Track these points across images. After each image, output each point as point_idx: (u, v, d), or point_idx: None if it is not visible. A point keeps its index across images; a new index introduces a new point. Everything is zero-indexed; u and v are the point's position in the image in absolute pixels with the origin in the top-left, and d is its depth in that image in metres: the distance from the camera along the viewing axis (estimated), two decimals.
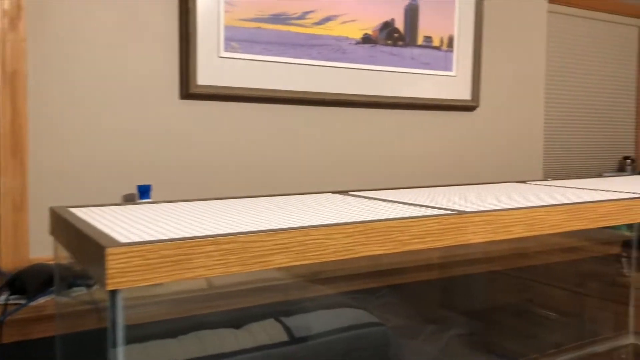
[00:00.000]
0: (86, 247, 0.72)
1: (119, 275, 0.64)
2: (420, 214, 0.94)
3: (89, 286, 1.17)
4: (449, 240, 0.94)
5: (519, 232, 1.02)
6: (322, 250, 0.81)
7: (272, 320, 1.77)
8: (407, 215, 0.95)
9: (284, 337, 1.75)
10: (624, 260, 2.61)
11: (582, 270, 2.24)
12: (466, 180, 1.93)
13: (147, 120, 1.41)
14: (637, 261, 2.86)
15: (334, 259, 0.82)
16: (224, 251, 0.72)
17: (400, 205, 1.10)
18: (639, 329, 2.00)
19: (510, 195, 1.27)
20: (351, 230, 0.83)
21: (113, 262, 0.64)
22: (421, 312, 1.94)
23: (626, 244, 2.21)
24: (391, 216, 0.93)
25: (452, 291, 1.96)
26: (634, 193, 1.31)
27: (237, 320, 1.71)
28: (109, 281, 0.63)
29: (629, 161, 3.25)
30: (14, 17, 1.25)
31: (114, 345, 0.70)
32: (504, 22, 1.98)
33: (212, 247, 0.71)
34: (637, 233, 2.82)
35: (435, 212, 0.98)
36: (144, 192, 1.30)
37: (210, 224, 0.81)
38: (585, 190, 1.39)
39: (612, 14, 3.29)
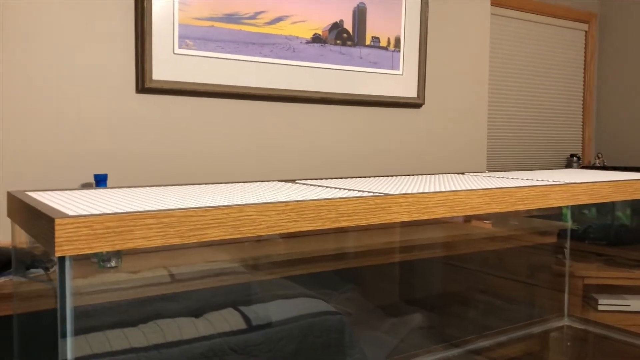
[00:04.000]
0: (38, 222, 0.80)
1: (67, 243, 0.72)
2: (348, 196, 1.04)
3: (46, 269, 1.24)
4: (375, 219, 1.04)
5: (441, 212, 1.13)
6: (256, 225, 0.90)
7: (230, 309, 1.84)
8: (336, 196, 1.05)
9: (242, 325, 1.82)
10: (565, 250, 2.76)
11: (523, 258, 2.38)
12: (410, 171, 2.04)
13: (105, 112, 1.48)
14: (578, 253, 3.03)
15: (267, 233, 0.91)
16: (163, 224, 0.80)
17: (336, 190, 1.20)
18: (573, 313, 2.14)
19: (440, 182, 1.39)
20: (283, 207, 0.93)
21: (61, 231, 0.72)
22: (376, 299, 2.04)
23: (563, 234, 2.35)
24: (331, 197, 1.03)
25: (401, 278, 2.06)
26: (554, 181, 1.44)
27: (196, 309, 1.77)
28: (57, 248, 0.71)
29: (575, 158, 3.43)
30: None
31: (63, 310, 0.78)
32: (449, 24, 2.10)
33: (152, 220, 0.79)
34: (571, 224, 2.99)
35: (364, 194, 1.08)
36: (100, 180, 1.37)
37: (155, 204, 0.89)
38: (514, 179, 1.51)
39: (559, 18, 3.47)
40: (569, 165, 3.47)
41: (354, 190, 1.18)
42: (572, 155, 3.47)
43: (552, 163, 3.51)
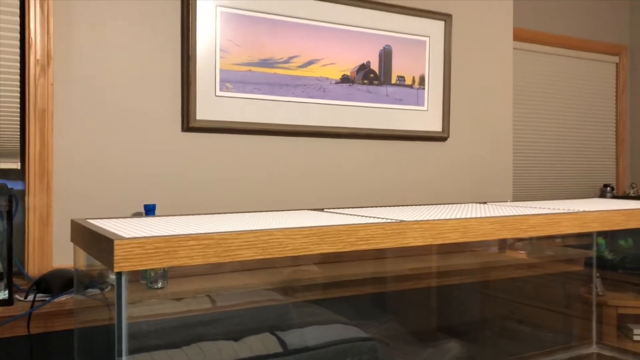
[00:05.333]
0: (100, 244, 0.95)
1: (123, 260, 0.87)
2: (367, 222, 1.16)
3: (101, 289, 1.39)
4: (391, 243, 1.16)
5: (454, 238, 1.23)
6: (283, 247, 1.03)
7: (267, 333, 1.95)
8: (356, 222, 1.17)
9: (278, 349, 1.92)
10: (597, 280, 2.78)
11: (556, 288, 2.42)
12: (437, 202, 2.14)
13: (154, 149, 1.65)
14: (613, 283, 3.02)
15: (293, 254, 1.04)
16: (203, 245, 0.94)
17: (358, 217, 1.32)
18: (607, 342, 2.16)
19: (457, 211, 1.48)
20: (307, 232, 1.05)
21: (119, 250, 0.87)
22: (412, 327, 2.11)
23: (598, 264, 2.37)
24: (351, 223, 1.15)
25: (436, 306, 2.14)
26: (569, 210, 1.51)
27: (235, 333, 1.88)
28: (116, 265, 0.86)
29: (608, 188, 3.44)
30: (44, 64, 1.51)
31: (119, 323, 0.92)
32: (472, 60, 2.21)
33: (193, 242, 0.93)
34: (607, 253, 2.99)
35: (382, 221, 1.20)
36: (149, 210, 1.54)
37: (196, 228, 1.03)
38: (531, 208, 1.59)
39: (589, 52, 3.53)
40: (602, 195, 3.48)
41: (374, 217, 1.30)
42: (605, 186, 3.49)
43: (586, 193, 3.53)
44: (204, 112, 1.68)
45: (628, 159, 3.68)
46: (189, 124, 1.66)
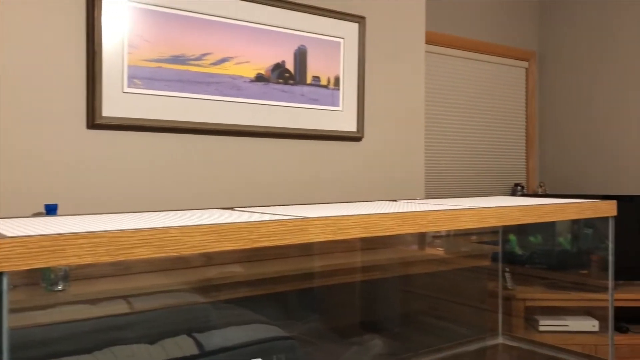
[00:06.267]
0: None
1: (4, 260, 0.83)
2: (269, 219, 1.17)
3: None
4: (293, 240, 1.17)
5: (356, 233, 1.26)
6: (181, 245, 1.01)
7: (184, 336, 1.91)
8: (258, 219, 1.17)
9: (194, 351, 1.88)
10: (507, 275, 2.92)
11: (468, 281, 2.52)
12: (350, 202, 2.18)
13: (57, 146, 1.59)
14: (521, 277, 3.18)
15: (190, 252, 1.03)
16: (93, 244, 0.92)
17: (263, 215, 1.32)
18: (515, 333, 2.27)
19: (363, 208, 1.52)
20: (206, 229, 1.05)
21: None
22: (335, 324, 2.13)
23: (509, 259, 2.50)
24: (252, 220, 1.15)
25: (356, 302, 2.17)
26: (467, 206, 1.58)
27: (151, 336, 1.84)
28: None
29: (519, 187, 3.63)
30: None
31: (1, 325, 0.88)
32: (385, 63, 2.27)
33: (83, 240, 0.90)
34: (501, 249, 3.15)
35: (284, 218, 1.21)
36: (50, 210, 1.47)
37: (91, 227, 1.00)
38: (436, 205, 1.65)
39: (499, 56, 3.71)
40: (513, 194, 3.66)
41: (280, 215, 1.31)
42: (516, 185, 3.67)
43: (497, 192, 3.70)
44: (110, 108, 1.63)
45: (537, 159, 3.90)
46: (94, 120, 1.61)
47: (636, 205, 2.98)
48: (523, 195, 3.52)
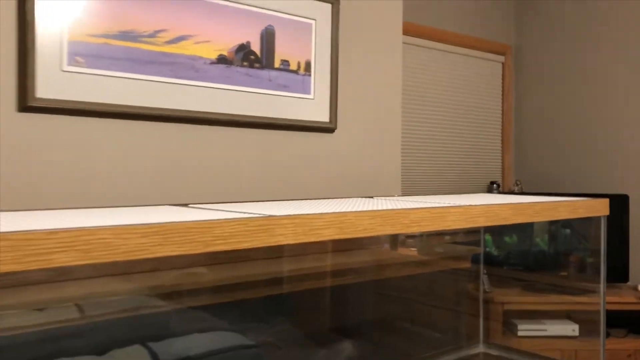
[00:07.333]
0: None
1: None
2: (227, 217, 0.97)
3: None
4: (256, 242, 0.98)
5: (330, 234, 1.08)
6: (112, 250, 0.82)
7: (138, 345, 1.72)
8: (213, 218, 0.98)
9: None
10: (484, 277, 2.78)
11: (445, 285, 2.37)
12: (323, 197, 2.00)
13: None
14: (498, 279, 3.06)
15: (125, 259, 0.83)
16: None
17: (221, 212, 1.13)
18: (493, 339, 2.13)
19: (337, 205, 1.34)
20: (145, 230, 0.85)
21: None
22: (305, 329, 1.96)
23: (477, 260, 2.36)
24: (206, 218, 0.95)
25: (327, 306, 2.00)
26: (453, 204, 1.42)
27: (101, 346, 1.64)
28: None
29: (495, 185, 3.51)
30: None
31: None
32: (360, 49, 2.10)
33: None
34: (493, 250, 3.02)
35: (245, 216, 1.02)
36: None
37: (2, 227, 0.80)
38: (418, 202, 1.49)
39: (475, 49, 3.58)
40: (489, 192, 3.54)
41: (241, 212, 1.12)
42: (492, 183, 3.55)
43: (473, 190, 3.57)
44: (46, 89, 1.41)
45: (513, 157, 3.78)
46: (25, 102, 1.38)
47: (616, 204, 2.88)
48: (500, 193, 3.39)
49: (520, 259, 3.07)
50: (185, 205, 1.37)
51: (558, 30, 3.54)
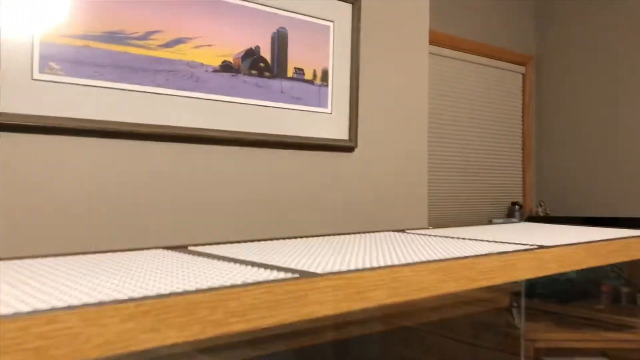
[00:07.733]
0: None
1: None
2: (246, 281, 0.71)
3: None
4: (285, 315, 0.70)
5: (380, 298, 0.81)
6: (79, 345, 0.54)
7: None
8: (227, 281, 0.71)
9: None
10: (514, 310, 2.51)
11: (476, 322, 2.11)
12: (342, 228, 1.73)
13: None
14: (526, 312, 2.79)
15: (99, 355, 0.55)
16: None
17: (231, 264, 0.86)
18: None
19: (377, 247, 1.08)
20: (131, 312, 0.58)
21: None
22: None
23: (515, 293, 2.11)
24: (218, 283, 0.69)
25: (348, 353, 1.73)
26: (517, 244, 1.16)
27: None
28: None
29: (517, 207, 3.25)
30: None
31: None
32: (383, 58, 1.84)
33: None
34: (525, 284, 2.76)
35: (271, 275, 0.75)
36: None
37: None
38: (467, 240, 1.23)
39: (496, 59, 3.34)
40: (510, 214, 3.28)
41: (257, 264, 0.85)
42: (513, 204, 3.29)
43: (495, 211, 3.31)
44: (12, 102, 1.14)
45: (534, 176, 3.53)
46: None
47: None
48: (523, 216, 3.13)
49: (547, 288, 2.81)
50: (185, 247, 1.09)
51: (580, 41, 3.31)
